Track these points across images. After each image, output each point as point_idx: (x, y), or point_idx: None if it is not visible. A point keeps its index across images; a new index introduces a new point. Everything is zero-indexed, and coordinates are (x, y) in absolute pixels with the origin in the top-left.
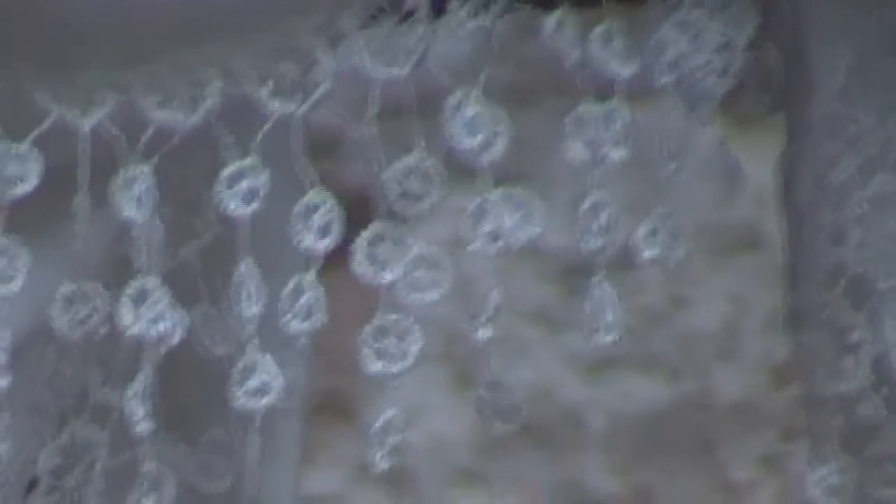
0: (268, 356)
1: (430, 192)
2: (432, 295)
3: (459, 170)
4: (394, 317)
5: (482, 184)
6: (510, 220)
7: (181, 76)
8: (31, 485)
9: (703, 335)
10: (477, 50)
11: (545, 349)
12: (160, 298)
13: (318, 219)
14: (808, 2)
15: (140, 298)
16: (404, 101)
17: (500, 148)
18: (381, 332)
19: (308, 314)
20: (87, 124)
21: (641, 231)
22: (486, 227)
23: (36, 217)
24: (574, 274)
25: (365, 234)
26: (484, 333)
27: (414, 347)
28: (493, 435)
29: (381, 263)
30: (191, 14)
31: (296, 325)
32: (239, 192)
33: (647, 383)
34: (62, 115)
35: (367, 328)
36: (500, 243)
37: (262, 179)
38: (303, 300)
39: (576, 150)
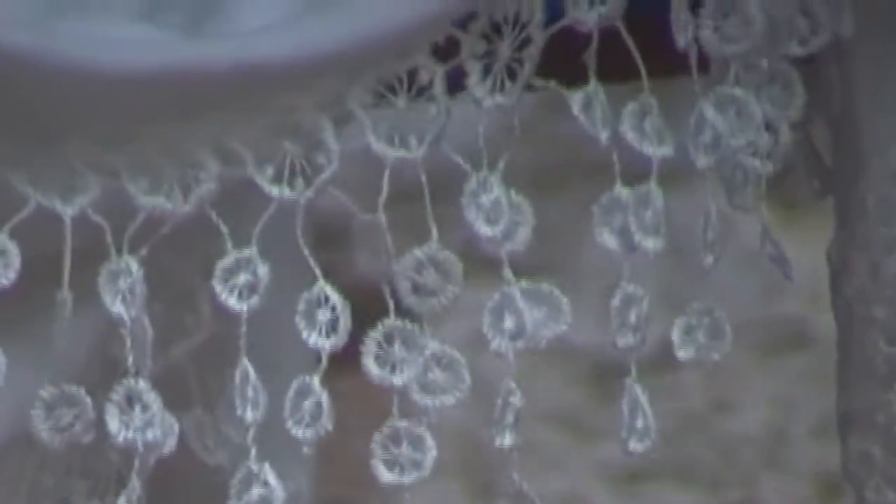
0: (268, 466)
1: (445, 285)
2: (449, 399)
3: (478, 261)
4: (407, 423)
5: (503, 277)
6: (534, 315)
7: (172, 157)
8: None
9: (747, 442)
10: (497, 130)
11: (574, 458)
12: (150, 403)
13: (324, 315)
14: (860, 73)
15: (128, 403)
16: (417, 186)
17: (522, 237)
18: (394, 439)
19: (313, 419)
20: (69, 212)
21: (678, 328)
22: (508, 323)
23: (13, 313)
24: (604, 375)
25: (375, 333)
26: (506, 441)
27: (429, 456)
28: None
29: (393, 364)
30: (182, 88)
31: (300, 432)
32: (237, 285)
33: (686, 495)
34: (42, 203)
35: (379, 435)
36: (523, 341)
37: (262, 272)
38: (307, 404)
39: (606, 239)
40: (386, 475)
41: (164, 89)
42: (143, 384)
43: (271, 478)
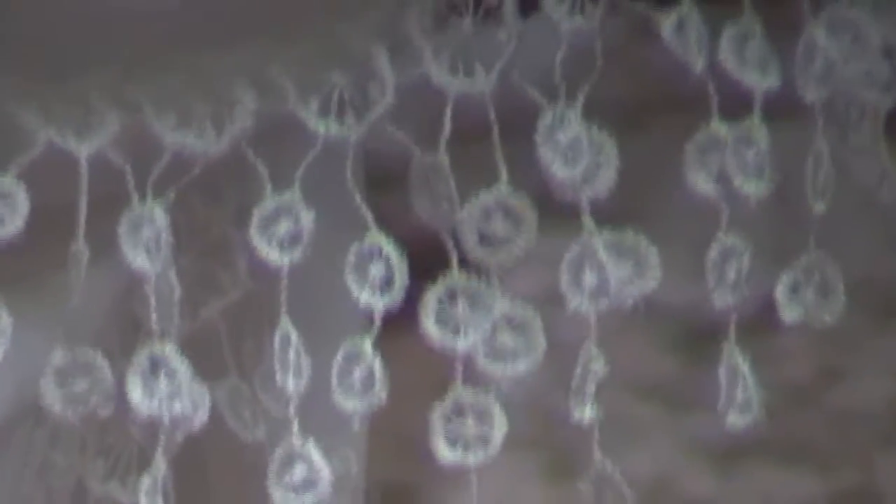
0: (313, 442)
1: (516, 235)
2: (520, 365)
3: (554, 208)
4: (472, 393)
5: (583, 226)
6: (618, 270)
7: (203, 89)
8: None
9: (863, 417)
10: (576, 58)
11: (664, 433)
12: (178, 370)
13: (377, 269)
14: None
15: (152, 370)
16: (485, 123)
17: (604, 180)
18: (457, 412)
19: (364, 389)
20: (85, 151)
21: (783, 286)
22: (589, 279)
23: (22, 267)
24: (699, 339)
25: (435, 289)
26: (586, 413)
27: (497, 431)
28: None
29: (455, 325)
30: (215, 10)
31: (349, 403)
32: (277, 235)
33: (793, 476)
34: (55, 141)
35: (439, 407)
36: (606, 300)
37: (306, 220)
38: (357, 372)
39: (701, 183)
40: (447, 453)
41: (195, 11)
42: (169, 349)
43: (316, 456)
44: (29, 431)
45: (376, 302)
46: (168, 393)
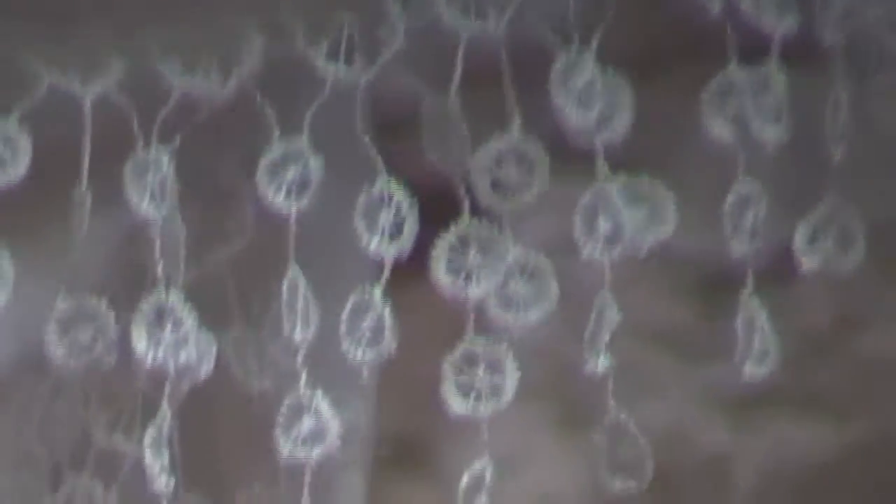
0: (321, 393)
1: (529, 181)
2: (533, 314)
3: (567, 154)
4: (484, 342)
5: (597, 171)
6: (633, 217)
7: (210, 31)
8: None
9: (883, 366)
10: (590, 1)
11: (679, 383)
12: (183, 319)
13: (386, 216)
14: None
15: (158, 319)
16: (497, 66)
17: (619, 126)
18: (468, 361)
19: (374, 339)
20: (89, 95)
21: (801, 234)
22: (603, 226)
23: (23, 214)
24: (716, 288)
25: (447, 236)
26: (600, 363)
27: (510, 381)
28: (611, 493)
29: (467, 273)
30: None
31: (358, 354)
32: (285, 182)
33: (810, 428)
34: (58, 84)
35: (451, 357)
36: (621, 247)
37: (314, 166)
38: (367, 321)
39: (717, 129)
40: (459, 404)
41: None
42: (174, 297)
43: (324, 407)
44: (31, 382)
45: (386, 250)
46: (173, 342)
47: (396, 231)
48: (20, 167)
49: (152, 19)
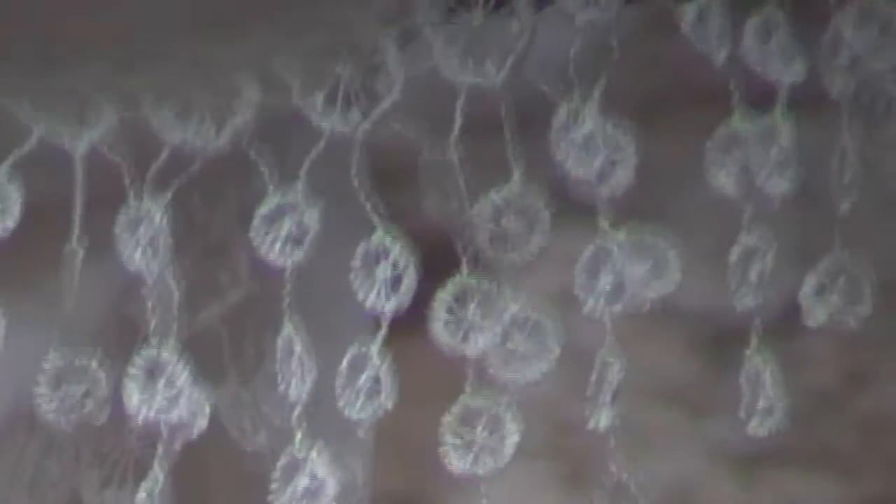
0: (317, 452)
1: (529, 235)
2: (533, 372)
3: (570, 206)
4: (483, 399)
5: (598, 226)
6: (635, 272)
7: (203, 82)
8: None
9: (891, 421)
10: (591, 52)
11: (684, 440)
12: (176, 376)
13: (384, 271)
14: None
15: (150, 376)
16: (496, 119)
17: (622, 177)
18: (467, 419)
19: (371, 396)
20: (80, 147)
21: (807, 288)
22: (604, 282)
23: (15, 268)
24: (720, 343)
25: (445, 292)
26: (602, 421)
27: (510, 440)
28: None
29: (466, 329)
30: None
31: (356, 410)
32: (280, 236)
33: (819, 484)
34: (49, 135)
35: (450, 414)
36: (623, 304)
37: (309, 220)
38: (365, 377)
39: (722, 181)
40: (457, 462)
41: (196, 25)
42: (167, 354)
43: (320, 466)
44: (22, 438)
45: (383, 305)
46: (166, 400)
47: (394, 285)
48: (11, 219)
49: (144, 68)
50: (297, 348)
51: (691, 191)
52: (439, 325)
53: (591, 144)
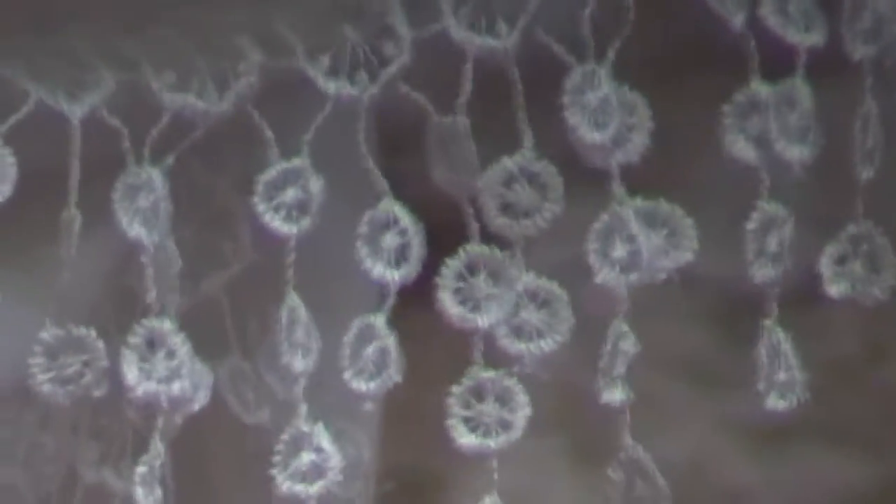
0: (321, 426)
1: (542, 203)
2: (546, 343)
3: (582, 174)
4: (493, 373)
5: (613, 193)
6: (651, 241)
7: (205, 45)
8: None
9: None
10: (605, 12)
11: (699, 415)
12: (177, 348)
13: (391, 240)
14: None
15: (150, 348)
16: (507, 82)
17: (636, 145)
18: (477, 393)
19: (378, 369)
20: (77, 112)
21: (828, 257)
22: (619, 251)
23: (10, 237)
24: (738, 314)
25: (455, 261)
26: (616, 395)
27: (520, 414)
28: None
29: (476, 301)
30: None
31: (361, 384)
32: (284, 204)
33: (839, 460)
34: (45, 100)
35: (458, 388)
36: (638, 273)
37: (314, 187)
38: (370, 350)
39: (740, 148)
40: (467, 438)
41: None
42: (168, 325)
43: (325, 441)
44: (17, 413)
45: (390, 275)
46: (166, 372)
47: (401, 256)
48: (5, 187)
49: (143, 30)
50: (302, 320)
51: (708, 158)
52: (448, 296)
53: (605, 110)
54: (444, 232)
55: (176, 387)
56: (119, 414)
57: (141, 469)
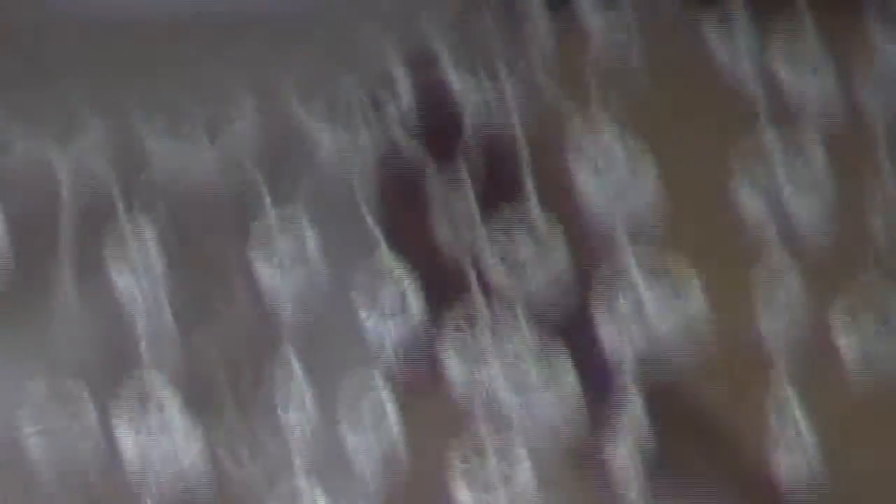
0: (317, 484)
1: (542, 257)
2: (547, 399)
3: (584, 226)
4: (494, 430)
5: (616, 245)
6: (655, 294)
7: (197, 94)
8: None
9: None
10: (610, 59)
11: (708, 472)
12: (167, 402)
13: (388, 293)
14: None
15: (140, 404)
16: (508, 132)
17: (640, 195)
18: (477, 450)
19: (375, 423)
20: (65, 158)
21: (838, 310)
22: (622, 304)
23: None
24: (745, 369)
25: (453, 316)
26: (621, 452)
27: (521, 472)
28: None
29: (475, 356)
30: (212, 5)
31: (358, 441)
32: (278, 255)
33: None
34: (31, 148)
35: (458, 445)
36: (642, 326)
37: (309, 237)
38: (367, 404)
39: (746, 198)
40: (467, 496)
41: (188, 7)
42: (158, 378)
43: (321, 497)
44: (3, 471)
45: (388, 329)
46: (157, 428)
47: (398, 309)
48: None
49: (133, 77)
50: (296, 374)
51: (714, 208)
52: (447, 351)
53: (609, 159)
54: (444, 285)
55: (166, 443)
56: (108, 471)
57: None
